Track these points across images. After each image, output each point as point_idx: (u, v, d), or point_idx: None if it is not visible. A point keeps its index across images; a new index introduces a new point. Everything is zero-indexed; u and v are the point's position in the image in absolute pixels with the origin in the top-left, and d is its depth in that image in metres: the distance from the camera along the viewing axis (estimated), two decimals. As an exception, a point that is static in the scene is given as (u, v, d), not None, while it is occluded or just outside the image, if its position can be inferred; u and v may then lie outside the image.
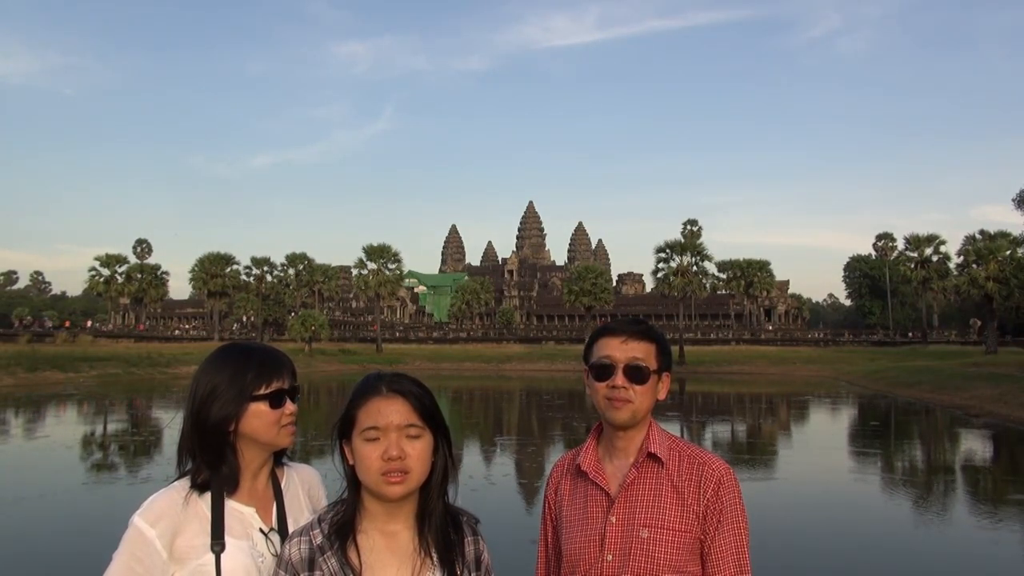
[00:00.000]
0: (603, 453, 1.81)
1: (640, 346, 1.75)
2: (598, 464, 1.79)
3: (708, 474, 1.69)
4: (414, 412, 1.50)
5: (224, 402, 1.58)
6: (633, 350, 1.74)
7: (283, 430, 1.64)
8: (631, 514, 1.69)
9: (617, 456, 1.78)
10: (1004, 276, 45.30)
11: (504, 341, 70.43)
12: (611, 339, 1.77)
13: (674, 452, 1.75)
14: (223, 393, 1.59)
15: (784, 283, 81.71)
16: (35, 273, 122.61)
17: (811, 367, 49.07)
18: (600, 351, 1.77)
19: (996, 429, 19.20)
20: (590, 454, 1.81)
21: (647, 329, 1.79)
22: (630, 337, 1.76)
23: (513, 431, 20.24)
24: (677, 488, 1.69)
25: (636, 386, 1.72)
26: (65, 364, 37.62)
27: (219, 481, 1.60)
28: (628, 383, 1.72)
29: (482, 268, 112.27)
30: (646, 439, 1.75)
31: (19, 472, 12.67)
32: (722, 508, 1.67)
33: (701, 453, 1.74)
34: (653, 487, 1.70)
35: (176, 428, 1.68)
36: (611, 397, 1.73)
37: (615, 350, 1.75)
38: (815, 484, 12.29)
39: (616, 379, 1.72)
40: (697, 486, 1.68)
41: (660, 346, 1.79)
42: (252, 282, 67.88)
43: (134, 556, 1.49)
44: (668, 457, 1.73)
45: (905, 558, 7.81)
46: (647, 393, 1.74)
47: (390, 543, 1.51)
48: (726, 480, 1.69)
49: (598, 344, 1.79)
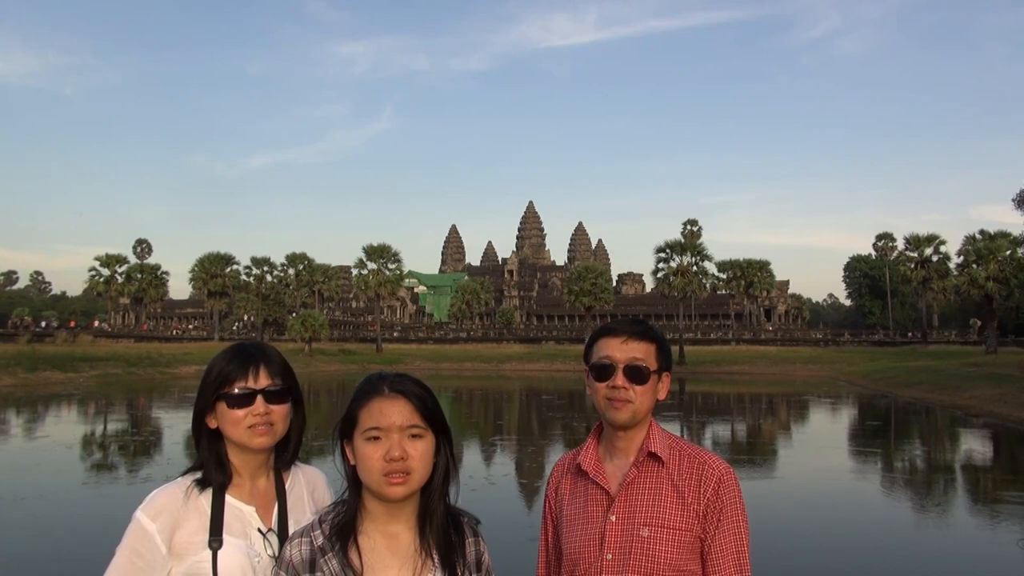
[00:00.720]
0: (603, 453, 1.82)
1: (640, 346, 1.75)
2: (598, 463, 1.79)
3: (708, 473, 1.69)
4: (416, 413, 1.50)
5: (204, 398, 1.65)
6: (633, 350, 1.74)
7: (250, 431, 1.62)
8: (631, 513, 1.69)
9: (617, 456, 1.78)
10: (1004, 276, 45.32)
11: (504, 341, 70.45)
12: (611, 339, 1.77)
13: (674, 451, 1.75)
14: (203, 389, 1.65)
15: (784, 283, 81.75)
16: (35, 273, 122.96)
17: (811, 367, 49.06)
18: (600, 351, 1.77)
19: (996, 429, 19.19)
20: (590, 453, 1.81)
21: (647, 329, 1.79)
22: (630, 337, 1.76)
23: (513, 431, 20.23)
24: (677, 487, 1.69)
25: (636, 386, 1.72)
26: (65, 364, 37.61)
27: (215, 478, 1.62)
28: (628, 383, 1.72)
29: (482, 268, 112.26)
30: (646, 439, 1.76)
31: (19, 472, 12.65)
32: (722, 507, 1.67)
33: (701, 452, 1.75)
34: (653, 486, 1.71)
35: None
36: (611, 397, 1.73)
37: (615, 350, 1.75)
38: (815, 484, 12.28)
39: (616, 379, 1.73)
40: (697, 485, 1.69)
41: (660, 346, 1.79)
42: (252, 282, 67.85)
43: (135, 550, 1.51)
44: (668, 456, 1.73)
45: (905, 558, 7.80)
46: (647, 393, 1.74)
47: (391, 544, 1.51)
48: (726, 479, 1.69)
49: (598, 344, 1.79)
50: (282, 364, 1.69)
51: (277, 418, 1.65)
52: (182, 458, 13.43)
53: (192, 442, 1.70)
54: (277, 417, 1.65)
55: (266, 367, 1.65)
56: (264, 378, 1.64)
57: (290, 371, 1.72)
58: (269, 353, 1.70)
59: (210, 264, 65.07)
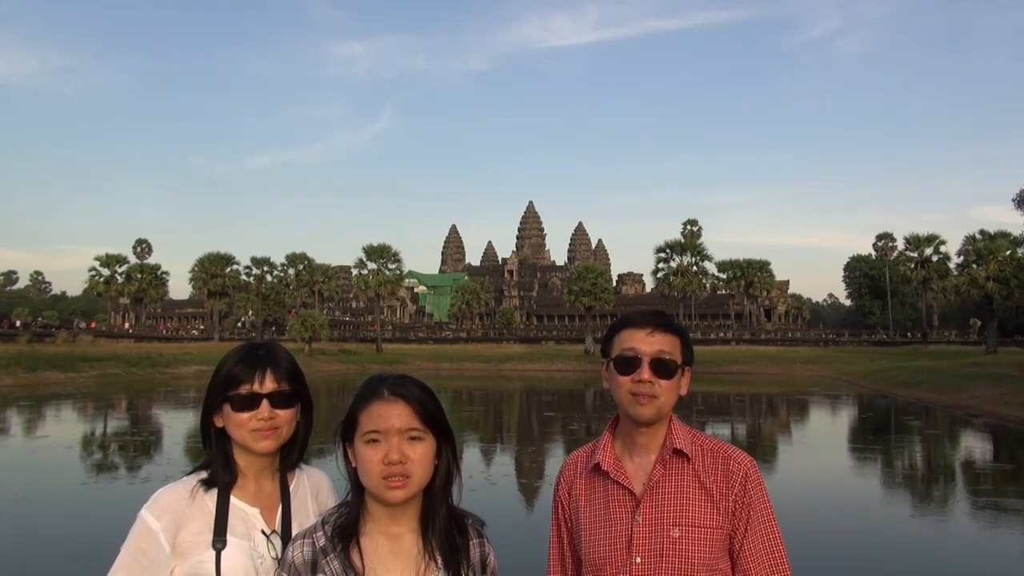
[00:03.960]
0: (621, 450, 1.72)
1: (667, 339, 1.67)
2: (618, 462, 1.70)
3: (734, 467, 1.64)
4: (415, 416, 1.49)
5: (211, 398, 1.65)
6: (660, 343, 1.65)
7: (254, 434, 1.61)
8: (659, 513, 1.61)
9: (638, 453, 1.69)
10: (1004, 276, 45.32)
11: (504, 341, 70.37)
12: (636, 331, 1.67)
13: (697, 446, 1.68)
14: (211, 389, 1.65)
15: (784, 283, 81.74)
16: (35, 273, 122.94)
17: (811, 367, 49.02)
18: (624, 343, 1.67)
19: (996, 429, 19.20)
20: (608, 451, 1.72)
21: (671, 321, 1.71)
22: (656, 329, 1.66)
23: (513, 431, 20.23)
24: (704, 484, 1.63)
25: (662, 380, 1.64)
26: (65, 364, 37.62)
27: (221, 477, 1.62)
28: (655, 377, 1.63)
29: (482, 268, 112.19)
30: (669, 434, 1.68)
31: (19, 472, 12.66)
32: (751, 503, 1.62)
33: (724, 446, 1.69)
34: (679, 484, 1.64)
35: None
36: (636, 392, 1.63)
37: (641, 342, 1.65)
38: (815, 484, 12.28)
39: (642, 373, 1.63)
40: (725, 481, 1.63)
41: (684, 339, 1.70)
42: (252, 282, 67.88)
43: (139, 549, 1.51)
44: (693, 452, 1.66)
45: (905, 558, 7.80)
46: (672, 388, 1.66)
47: (394, 546, 1.51)
48: (752, 474, 1.64)
49: (621, 336, 1.69)
50: (290, 367, 1.68)
51: (282, 422, 1.64)
52: (182, 458, 13.42)
53: (192, 442, 1.70)
54: (282, 421, 1.64)
55: (273, 370, 1.64)
56: (270, 382, 1.63)
57: (299, 373, 1.70)
58: (277, 356, 1.68)
59: (210, 264, 65.08)
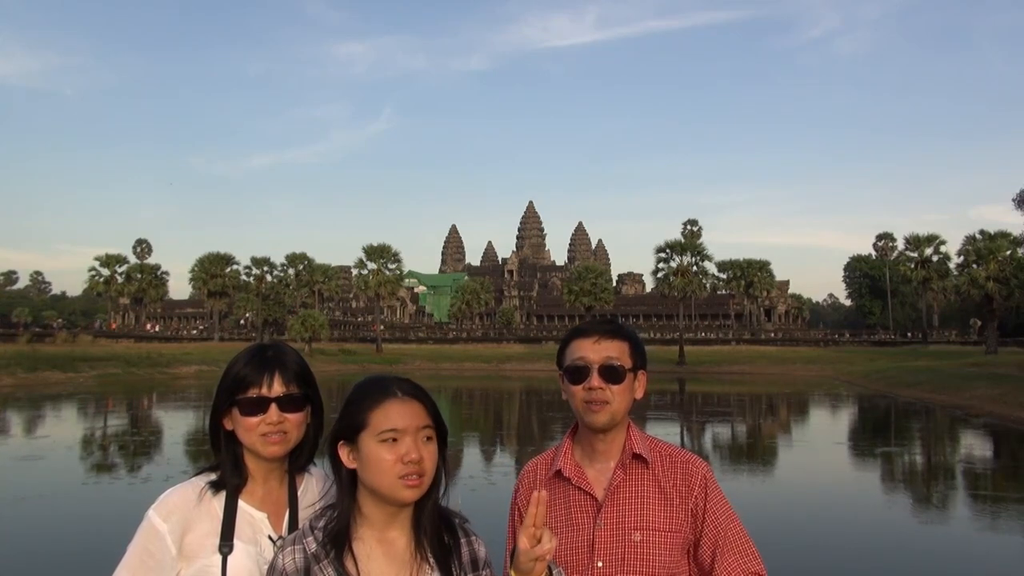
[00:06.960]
0: (581, 456, 1.77)
1: (613, 345, 1.71)
2: (579, 468, 1.74)
3: (693, 471, 1.69)
4: (428, 416, 1.50)
5: (219, 399, 1.62)
6: (606, 349, 1.70)
7: (263, 439, 1.58)
8: (620, 518, 1.66)
9: (598, 459, 1.74)
10: (1004, 276, 45.30)
11: (504, 341, 70.34)
12: (584, 340, 1.72)
13: (655, 452, 1.73)
14: (219, 391, 1.62)
15: (784, 283, 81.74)
16: (35, 273, 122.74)
17: (811, 367, 49.00)
18: (573, 353, 1.72)
19: (996, 429, 19.20)
20: (569, 458, 1.76)
21: (618, 327, 1.75)
22: (602, 336, 1.71)
23: (513, 431, 20.24)
24: (663, 489, 1.68)
25: (613, 386, 1.68)
26: (65, 364, 37.59)
27: (230, 480, 1.60)
28: (604, 383, 1.68)
29: (482, 268, 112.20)
30: (628, 440, 1.73)
31: (19, 472, 12.65)
32: (713, 505, 1.67)
33: (680, 452, 1.74)
34: (640, 489, 1.68)
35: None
36: (589, 400, 1.68)
37: (588, 351, 1.70)
38: (815, 484, 12.27)
39: (592, 380, 1.68)
40: (684, 484, 1.68)
41: (633, 344, 1.74)
42: (252, 282, 67.87)
43: (146, 549, 1.50)
44: (651, 457, 1.71)
45: (905, 558, 7.80)
46: (624, 393, 1.70)
47: (387, 550, 1.49)
48: (710, 478, 1.70)
49: (571, 347, 1.74)
50: (299, 369, 1.64)
51: (291, 426, 1.61)
52: (182, 458, 13.46)
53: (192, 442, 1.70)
54: (291, 425, 1.61)
55: (281, 373, 1.60)
56: (279, 385, 1.59)
57: (308, 375, 1.67)
58: (286, 358, 1.64)
59: (210, 264, 65.02)
